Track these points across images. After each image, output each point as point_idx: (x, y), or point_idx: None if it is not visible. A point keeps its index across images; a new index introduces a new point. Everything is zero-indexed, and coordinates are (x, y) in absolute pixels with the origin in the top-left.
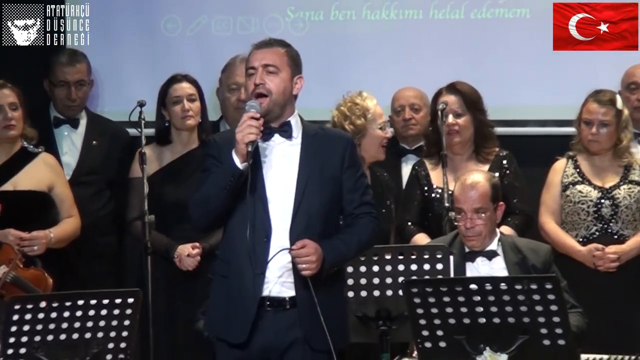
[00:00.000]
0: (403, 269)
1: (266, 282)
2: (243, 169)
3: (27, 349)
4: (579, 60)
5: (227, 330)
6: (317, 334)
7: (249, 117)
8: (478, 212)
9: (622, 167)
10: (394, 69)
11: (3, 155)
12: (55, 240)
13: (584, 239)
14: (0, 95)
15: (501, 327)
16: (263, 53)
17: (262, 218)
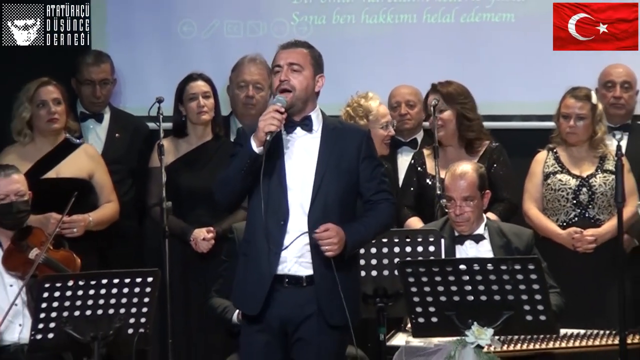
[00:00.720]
0: (398, 251)
1: (283, 261)
2: (259, 153)
3: (56, 324)
4: (558, 60)
5: (244, 302)
6: (332, 309)
7: (274, 110)
8: (467, 200)
9: (598, 157)
10: (391, 68)
11: (47, 145)
12: (94, 223)
13: (564, 223)
14: (45, 91)
15: (488, 303)
16: (288, 53)
17: (281, 204)
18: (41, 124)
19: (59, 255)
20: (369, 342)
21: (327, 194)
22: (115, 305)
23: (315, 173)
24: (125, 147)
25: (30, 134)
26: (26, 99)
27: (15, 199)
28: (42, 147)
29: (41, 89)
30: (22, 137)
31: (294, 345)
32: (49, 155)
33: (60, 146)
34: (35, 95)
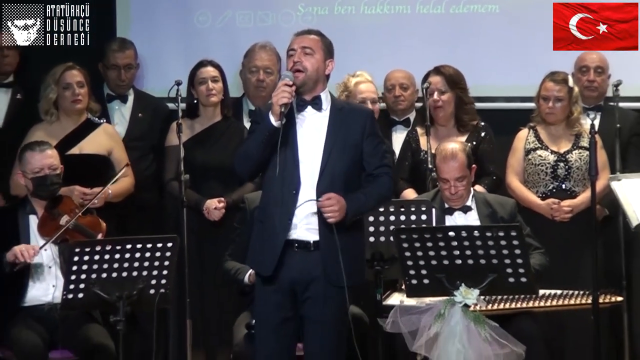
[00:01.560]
0: (394, 219)
1: (293, 228)
2: (277, 126)
3: (86, 285)
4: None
5: (259, 264)
6: (335, 272)
7: (283, 84)
8: (459, 180)
9: (574, 135)
10: (386, 54)
11: (71, 124)
12: (113, 195)
13: (543, 194)
14: (70, 75)
15: (474, 267)
16: (302, 38)
17: (293, 175)
18: (66, 104)
19: (87, 221)
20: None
21: (334, 167)
22: (139, 268)
23: (323, 148)
24: (147, 126)
25: (56, 113)
26: (53, 82)
27: (49, 172)
28: (66, 126)
29: (66, 73)
30: (49, 116)
31: (303, 303)
32: (72, 133)
33: (83, 125)
34: (61, 78)
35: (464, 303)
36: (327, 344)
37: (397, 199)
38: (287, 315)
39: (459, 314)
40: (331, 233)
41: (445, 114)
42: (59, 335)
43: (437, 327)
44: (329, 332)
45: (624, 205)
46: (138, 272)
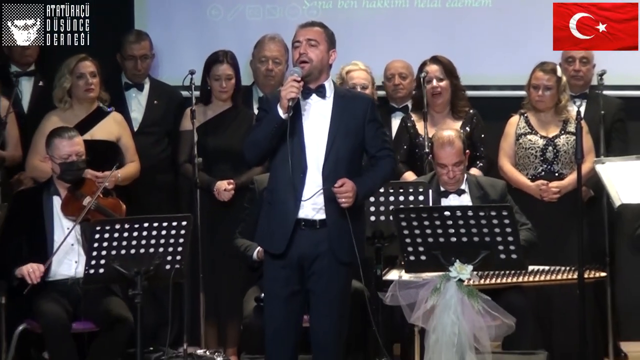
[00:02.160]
0: (393, 200)
1: (301, 207)
2: (284, 119)
3: (106, 261)
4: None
5: (270, 243)
6: (341, 248)
7: (292, 80)
8: (456, 165)
9: (562, 121)
10: (386, 46)
11: (83, 112)
12: (122, 179)
13: (533, 176)
14: (83, 65)
15: (468, 244)
16: (306, 30)
17: (300, 159)
18: (79, 93)
19: (108, 202)
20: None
21: (338, 151)
22: (155, 245)
23: (328, 133)
24: (162, 112)
25: (69, 101)
26: (67, 71)
27: (76, 159)
28: (78, 113)
29: (80, 63)
30: (63, 104)
31: (309, 278)
32: (84, 120)
33: (94, 113)
34: (75, 68)
35: (458, 278)
36: (331, 316)
37: (397, 181)
38: (294, 289)
39: (454, 288)
40: (340, 215)
41: (443, 100)
42: (82, 307)
43: (434, 300)
44: (333, 305)
45: (608, 186)
46: (154, 249)
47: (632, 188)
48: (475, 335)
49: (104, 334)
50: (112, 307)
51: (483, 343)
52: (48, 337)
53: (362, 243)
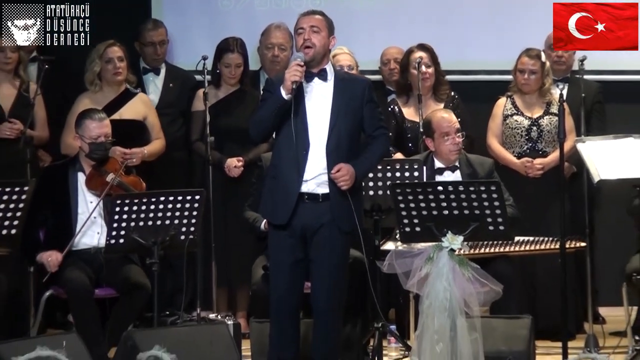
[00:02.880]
0: (390, 176)
1: (305, 182)
2: (287, 100)
3: (126, 232)
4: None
5: (274, 215)
6: (342, 219)
7: (296, 64)
8: (458, 132)
9: (545, 103)
10: (382, 32)
11: (112, 94)
12: (148, 155)
13: (518, 154)
14: (112, 50)
15: (459, 217)
16: (309, 18)
17: (303, 137)
18: (108, 76)
19: (129, 179)
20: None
21: (340, 129)
22: (171, 217)
23: (330, 113)
24: (177, 94)
25: (99, 83)
26: (97, 56)
27: (104, 140)
28: (108, 95)
29: (109, 49)
30: (93, 87)
31: (312, 247)
32: (113, 101)
33: (122, 94)
34: (104, 53)
35: (450, 248)
36: (331, 282)
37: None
38: (298, 257)
39: (446, 257)
40: (343, 194)
41: (429, 84)
42: (103, 275)
43: (427, 269)
44: (333, 272)
45: (588, 163)
46: (170, 221)
47: (610, 165)
48: (465, 301)
49: (123, 299)
50: (131, 274)
51: (472, 308)
52: (73, 302)
53: (361, 214)
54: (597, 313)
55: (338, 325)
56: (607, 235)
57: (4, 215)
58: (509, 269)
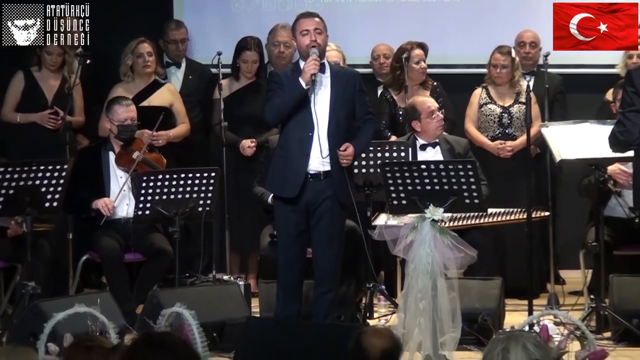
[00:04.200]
0: (380, 156)
1: (310, 161)
2: (307, 88)
3: (151, 204)
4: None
5: (283, 190)
6: (341, 193)
7: (314, 59)
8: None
9: (515, 93)
10: (373, 31)
11: (142, 84)
12: (173, 137)
13: (492, 137)
14: (142, 46)
15: (440, 191)
16: (312, 21)
17: (309, 121)
18: (139, 69)
19: (152, 156)
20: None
21: (338, 114)
22: (190, 191)
23: (329, 101)
24: (196, 85)
25: (131, 75)
26: (129, 52)
27: (130, 123)
28: (139, 84)
29: (139, 45)
30: (126, 78)
31: (314, 218)
32: (144, 90)
33: (151, 84)
34: (135, 49)
35: (432, 218)
36: (331, 248)
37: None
38: (302, 228)
39: (428, 227)
40: (341, 168)
41: (424, 77)
42: (132, 242)
43: (412, 236)
44: (333, 239)
45: (551, 145)
46: (189, 195)
47: (569, 147)
48: (444, 264)
49: (149, 263)
50: (155, 241)
51: (451, 270)
52: (105, 266)
53: (353, 189)
54: (558, 275)
55: (335, 285)
56: (567, 207)
57: (47, 190)
58: (482, 237)
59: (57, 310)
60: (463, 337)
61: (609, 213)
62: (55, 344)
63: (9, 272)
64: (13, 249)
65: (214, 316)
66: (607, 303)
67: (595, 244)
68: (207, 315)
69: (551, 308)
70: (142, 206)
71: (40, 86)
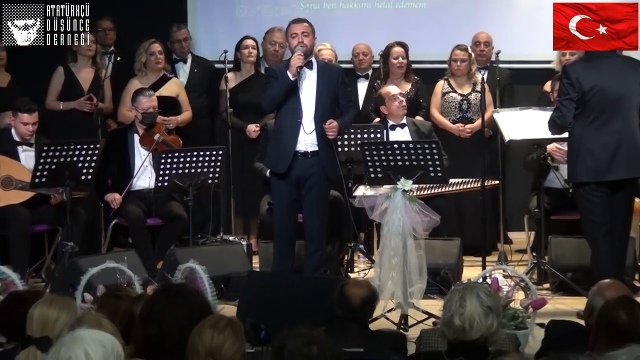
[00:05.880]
0: (360, 136)
1: (299, 142)
2: (293, 80)
3: (169, 177)
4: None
5: (275, 166)
6: (328, 168)
7: (298, 54)
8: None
9: (472, 83)
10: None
11: (154, 78)
12: (180, 121)
13: (453, 121)
14: (154, 46)
15: (409, 166)
16: (300, 25)
17: (298, 109)
18: (151, 65)
19: (170, 138)
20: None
21: (323, 103)
22: (201, 166)
23: (315, 91)
24: (201, 77)
25: (145, 70)
26: (143, 51)
27: (152, 110)
28: (151, 78)
29: (152, 45)
30: (140, 73)
31: (305, 189)
32: (155, 83)
33: (161, 78)
34: (148, 48)
35: (403, 189)
36: (318, 214)
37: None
38: (293, 198)
39: (400, 196)
40: (328, 147)
41: (403, 72)
42: (153, 208)
43: (387, 204)
44: (320, 206)
45: (501, 128)
46: (200, 169)
47: (516, 129)
48: (413, 227)
49: (167, 226)
50: (173, 208)
51: (418, 232)
52: (131, 228)
53: (338, 164)
54: (507, 236)
55: (322, 244)
56: (514, 179)
57: (82, 165)
58: (445, 204)
59: (91, 266)
60: (428, 288)
61: (548, 184)
62: (90, 293)
63: (52, 233)
64: (55, 214)
65: (222, 270)
66: (546, 260)
67: (537, 210)
68: (215, 270)
69: (501, 264)
70: (161, 179)
71: (77, 78)
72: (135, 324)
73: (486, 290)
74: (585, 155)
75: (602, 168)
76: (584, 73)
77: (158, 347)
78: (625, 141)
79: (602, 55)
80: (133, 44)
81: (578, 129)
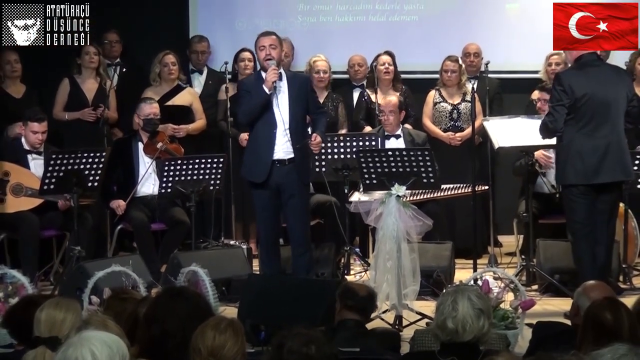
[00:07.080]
0: (355, 144)
1: (275, 152)
2: (269, 94)
3: (172, 183)
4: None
5: (252, 175)
6: (303, 174)
7: (273, 69)
8: (391, 113)
9: (462, 93)
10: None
11: (167, 87)
12: (191, 130)
13: (444, 129)
14: (167, 58)
15: (403, 173)
16: (267, 38)
17: (272, 120)
18: (165, 75)
19: (172, 146)
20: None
21: (296, 113)
22: (202, 173)
23: (288, 102)
24: (214, 89)
25: (159, 80)
26: (157, 62)
27: (153, 117)
28: (165, 88)
29: (165, 57)
30: (155, 82)
31: (285, 196)
32: (169, 92)
33: (175, 87)
34: (162, 59)
35: (397, 194)
36: (301, 219)
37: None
38: (275, 203)
39: (394, 201)
40: (303, 155)
41: (389, 78)
42: (157, 214)
43: (381, 209)
44: (301, 212)
45: (491, 135)
46: (202, 176)
47: (505, 136)
48: (407, 231)
49: (170, 231)
50: (176, 213)
51: (412, 236)
52: (136, 233)
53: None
54: (497, 239)
55: (308, 247)
56: (503, 184)
57: (89, 173)
58: (437, 209)
59: (97, 269)
60: (421, 290)
61: (536, 189)
62: (97, 296)
63: (60, 238)
64: (63, 220)
65: (223, 273)
66: (534, 262)
67: (525, 214)
68: (217, 273)
69: (491, 266)
70: (165, 185)
71: (82, 89)
72: (140, 325)
73: (477, 292)
74: (575, 158)
75: (591, 171)
76: (576, 80)
77: (162, 347)
78: (613, 145)
79: (592, 64)
80: (138, 55)
81: (569, 134)
